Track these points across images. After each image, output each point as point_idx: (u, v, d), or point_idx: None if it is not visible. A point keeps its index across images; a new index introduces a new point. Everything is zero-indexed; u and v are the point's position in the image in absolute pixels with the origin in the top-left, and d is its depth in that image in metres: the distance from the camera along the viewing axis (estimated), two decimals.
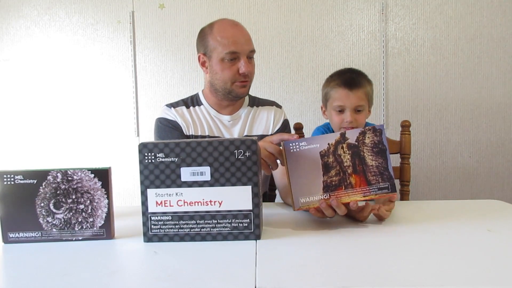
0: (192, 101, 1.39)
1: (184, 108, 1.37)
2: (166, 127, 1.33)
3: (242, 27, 1.30)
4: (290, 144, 0.86)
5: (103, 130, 2.24)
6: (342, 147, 0.87)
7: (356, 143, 0.87)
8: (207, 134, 1.33)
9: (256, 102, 1.42)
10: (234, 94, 1.30)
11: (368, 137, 0.87)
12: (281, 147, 0.90)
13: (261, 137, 1.36)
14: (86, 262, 0.73)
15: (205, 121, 1.35)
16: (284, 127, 1.40)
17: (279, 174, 1.28)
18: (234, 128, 1.35)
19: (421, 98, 2.16)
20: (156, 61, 2.22)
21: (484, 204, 1.16)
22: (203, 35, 1.32)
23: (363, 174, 0.88)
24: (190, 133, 1.34)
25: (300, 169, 0.87)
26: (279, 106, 1.44)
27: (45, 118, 2.25)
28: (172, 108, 1.37)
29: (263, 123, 1.38)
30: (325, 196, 0.88)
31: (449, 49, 2.14)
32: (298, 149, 0.86)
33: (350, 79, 1.29)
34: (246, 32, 1.30)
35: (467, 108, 2.15)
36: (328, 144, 0.86)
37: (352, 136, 0.87)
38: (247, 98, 1.42)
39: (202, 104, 1.38)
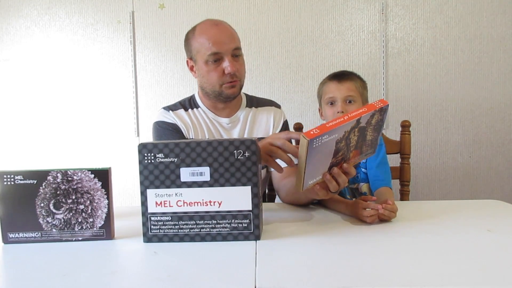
0: (189, 104, 1.36)
1: (182, 111, 1.34)
2: (166, 130, 1.30)
3: (224, 26, 1.26)
4: (314, 141, 0.81)
5: (103, 130, 2.24)
6: (354, 132, 0.87)
7: (365, 125, 0.88)
8: (207, 137, 1.32)
9: (255, 103, 1.39)
10: (224, 95, 1.27)
11: (375, 118, 0.89)
12: (299, 142, 0.84)
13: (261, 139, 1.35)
14: (86, 262, 0.73)
15: (204, 124, 1.33)
16: (284, 129, 1.39)
17: (278, 175, 1.28)
18: (233, 131, 1.34)
19: (421, 98, 2.16)
20: (156, 61, 2.21)
21: (484, 204, 1.16)
22: (187, 39, 1.30)
23: (360, 148, 0.92)
24: (191, 136, 1.31)
25: (316, 158, 0.85)
26: (278, 106, 1.43)
27: (45, 118, 2.25)
28: (170, 111, 1.33)
29: (262, 125, 1.36)
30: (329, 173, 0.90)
31: (449, 49, 2.13)
32: (320, 143, 0.83)
33: (339, 73, 1.33)
34: (228, 30, 1.25)
35: (467, 108, 2.15)
36: (345, 131, 0.85)
37: (364, 119, 0.87)
38: (244, 98, 1.39)
39: (199, 106, 1.35)
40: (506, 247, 0.76)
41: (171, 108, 1.35)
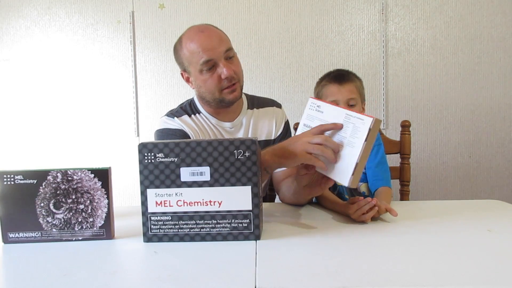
0: (191, 109, 1.32)
1: (187, 116, 1.29)
2: (172, 136, 1.24)
3: (210, 30, 1.20)
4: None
5: (103, 130, 2.24)
6: None
7: None
8: None
9: (256, 103, 1.37)
10: (226, 101, 1.23)
11: None
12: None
13: (265, 142, 1.33)
14: (86, 262, 0.73)
15: (209, 129, 1.29)
16: (286, 130, 1.38)
17: (279, 176, 1.28)
18: (237, 135, 1.31)
19: (421, 98, 2.16)
20: (156, 61, 2.22)
21: (484, 204, 1.16)
22: (176, 52, 1.26)
23: None
24: None
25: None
26: (279, 106, 1.41)
27: (45, 118, 2.25)
28: (175, 117, 1.27)
29: (265, 127, 1.34)
30: None
31: (449, 49, 2.14)
32: None
33: (339, 75, 1.30)
34: (215, 33, 1.20)
35: (467, 108, 2.15)
36: None
37: None
38: (245, 100, 1.36)
39: (200, 112, 1.31)
40: (506, 247, 0.76)
41: (175, 114, 1.29)
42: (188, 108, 1.32)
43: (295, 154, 0.91)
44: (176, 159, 0.81)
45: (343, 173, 0.87)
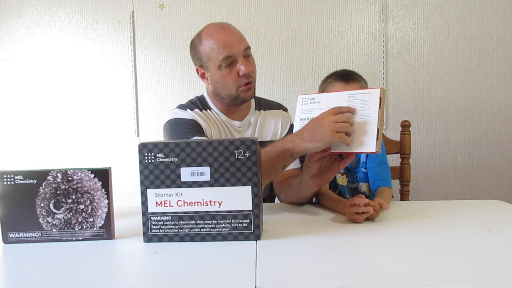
0: (201, 104, 1.32)
1: (198, 110, 1.28)
2: (185, 125, 1.22)
3: (230, 28, 1.23)
4: None
5: (103, 130, 2.24)
6: None
7: None
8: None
9: (263, 105, 1.39)
10: (241, 99, 1.24)
11: None
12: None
13: (270, 142, 1.34)
14: (86, 262, 0.73)
15: (219, 125, 1.30)
16: (290, 132, 1.39)
17: (279, 176, 1.28)
18: (246, 134, 1.32)
19: (421, 98, 2.16)
20: (156, 61, 2.22)
21: (484, 204, 1.16)
22: (194, 47, 1.27)
23: None
24: (210, 136, 1.26)
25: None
26: (285, 109, 1.42)
27: (45, 118, 2.25)
28: (187, 109, 1.27)
29: (271, 128, 1.36)
30: None
31: (449, 49, 2.14)
32: None
33: (345, 74, 1.30)
34: (235, 31, 1.23)
35: (467, 108, 2.15)
36: None
37: None
38: (253, 101, 1.37)
39: (211, 108, 1.31)
40: (506, 247, 0.76)
41: (187, 107, 1.29)
42: (198, 103, 1.32)
43: (326, 135, 0.91)
44: (176, 159, 0.81)
45: (367, 143, 0.91)
